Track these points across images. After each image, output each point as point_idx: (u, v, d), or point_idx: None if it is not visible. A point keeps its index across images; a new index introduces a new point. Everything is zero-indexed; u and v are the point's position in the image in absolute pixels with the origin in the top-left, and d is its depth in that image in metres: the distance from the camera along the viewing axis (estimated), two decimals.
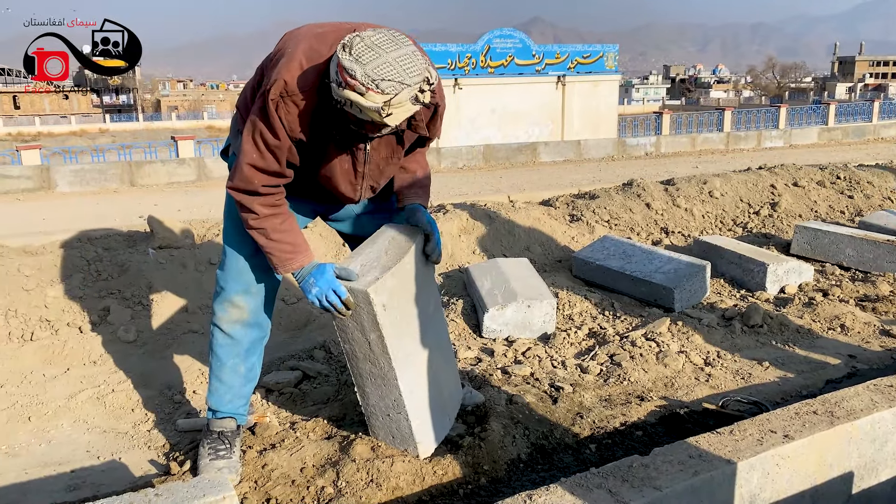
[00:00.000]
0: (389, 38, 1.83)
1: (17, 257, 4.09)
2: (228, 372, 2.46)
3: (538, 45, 28.93)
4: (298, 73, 1.95)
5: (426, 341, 2.49)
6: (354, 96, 1.80)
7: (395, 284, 2.26)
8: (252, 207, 2.15)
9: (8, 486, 2.45)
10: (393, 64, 1.79)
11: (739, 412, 2.85)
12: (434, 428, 2.52)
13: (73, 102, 68.47)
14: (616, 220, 5.70)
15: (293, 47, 2.02)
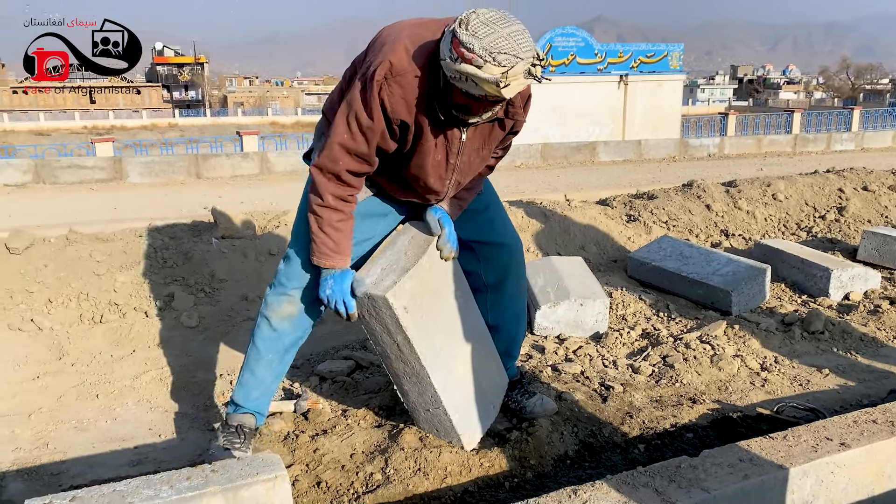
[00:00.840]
0: (501, 16, 1.88)
1: (89, 244, 4.29)
2: (264, 366, 2.46)
3: (601, 44, 28.57)
4: (404, 55, 2.00)
5: (457, 335, 2.51)
6: (472, 69, 1.84)
7: (414, 285, 2.28)
8: (323, 192, 2.18)
9: (76, 458, 2.58)
10: (507, 38, 1.84)
11: (795, 418, 2.79)
12: (478, 419, 2.54)
13: (144, 97, 70.87)
14: (674, 221, 5.61)
15: (396, 35, 2.06)
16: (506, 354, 2.77)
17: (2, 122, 59.59)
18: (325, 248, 2.23)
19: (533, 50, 1.89)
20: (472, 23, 1.84)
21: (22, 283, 3.82)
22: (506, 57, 1.83)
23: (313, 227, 2.23)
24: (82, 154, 15.00)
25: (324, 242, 2.23)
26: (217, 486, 1.79)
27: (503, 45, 1.83)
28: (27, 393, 3.02)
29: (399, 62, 1.99)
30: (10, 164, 11.21)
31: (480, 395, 2.58)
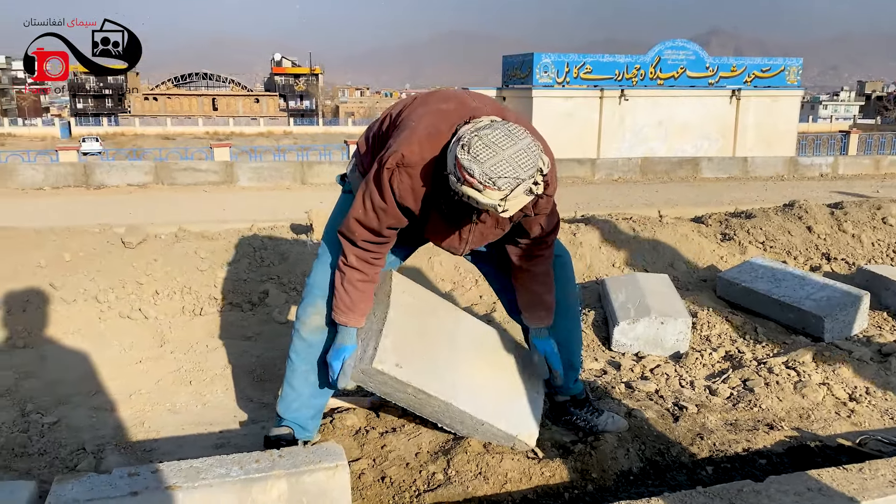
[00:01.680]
0: (505, 134, 1.92)
1: (195, 241, 4.61)
2: (299, 378, 2.50)
3: (713, 58, 27.73)
4: (416, 147, 2.07)
5: (460, 349, 2.57)
6: (472, 192, 1.90)
7: (395, 339, 2.36)
8: (348, 254, 2.31)
9: (167, 437, 2.80)
10: (509, 161, 1.88)
11: (880, 452, 2.66)
12: (527, 412, 2.57)
13: (262, 106, 74.37)
14: (772, 242, 5.40)
15: (416, 121, 2.14)
16: (567, 366, 2.76)
17: (134, 126, 64.12)
18: (342, 304, 2.35)
19: (535, 166, 1.92)
20: (473, 146, 1.89)
21: (133, 275, 4.16)
22: (506, 181, 1.88)
23: (336, 282, 2.35)
24: (201, 158, 16.00)
25: (341, 299, 2.35)
26: (282, 469, 1.92)
27: (504, 169, 1.87)
28: (130, 375, 3.29)
29: (411, 155, 2.07)
30: (133, 165, 12.15)
31: (515, 388, 2.62)
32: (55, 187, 11.46)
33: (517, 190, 1.89)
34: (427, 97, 2.33)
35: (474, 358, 2.58)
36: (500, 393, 2.55)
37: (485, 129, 1.93)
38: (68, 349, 3.56)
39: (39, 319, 3.78)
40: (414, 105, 2.30)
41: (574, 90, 25.83)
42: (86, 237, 4.47)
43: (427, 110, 2.19)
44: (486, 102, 2.24)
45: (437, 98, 2.29)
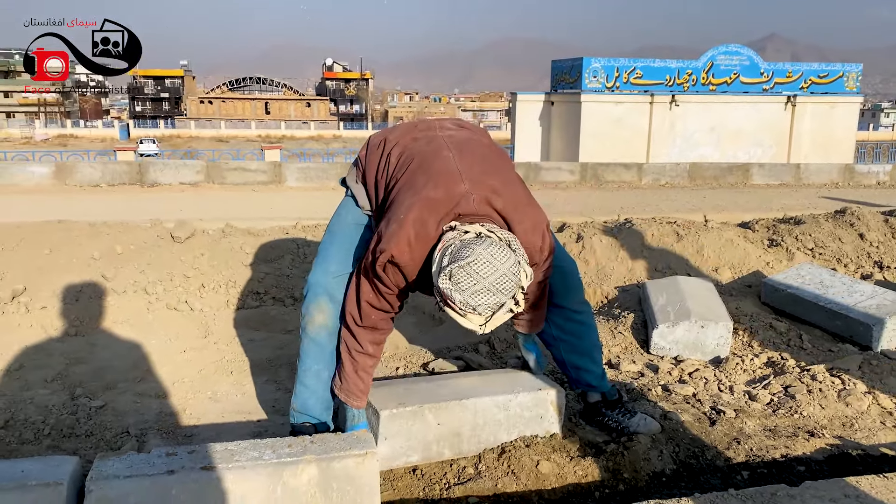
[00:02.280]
0: (488, 262, 1.94)
1: (241, 237, 4.73)
2: (312, 377, 2.54)
3: (767, 63, 27.12)
4: (406, 248, 2.12)
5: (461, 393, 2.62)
6: (455, 315, 2.00)
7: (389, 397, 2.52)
8: (360, 340, 2.38)
9: (208, 424, 2.88)
10: (490, 289, 1.93)
11: None
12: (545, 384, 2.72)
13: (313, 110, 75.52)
14: (821, 249, 5.27)
15: (405, 212, 2.15)
16: (578, 367, 2.79)
17: (189, 128, 65.82)
18: (357, 390, 2.42)
19: (517, 287, 1.98)
20: (455, 276, 1.94)
21: (181, 269, 4.28)
22: (487, 308, 1.95)
23: (347, 367, 2.42)
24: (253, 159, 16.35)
25: (356, 385, 2.41)
26: (313, 455, 1.97)
27: (484, 299, 1.94)
28: (174, 364, 3.39)
29: (400, 255, 2.13)
30: (185, 164, 12.50)
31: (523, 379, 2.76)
32: (111, 185, 11.86)
33: (498, 313, 1.98)
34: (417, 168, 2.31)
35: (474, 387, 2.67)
36: (507, 383, 2.69)
37: (468, 258, 1.94)
38: (117, 338, 3.69)
39: (91, 309, 3.92)
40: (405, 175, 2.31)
41: (624, 95, 25.55)
42: (137, 231, 4.63)
43: (416, 200, 2.17)
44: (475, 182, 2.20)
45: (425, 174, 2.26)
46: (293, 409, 2.60)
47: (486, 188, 2.19)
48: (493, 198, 2.18)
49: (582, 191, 12.99)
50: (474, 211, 2.14)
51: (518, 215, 2.19)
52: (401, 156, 2.38)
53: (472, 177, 2.21)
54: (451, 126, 2.56)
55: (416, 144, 2.40)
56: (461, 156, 2.30)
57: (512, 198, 2.23)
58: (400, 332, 3.97)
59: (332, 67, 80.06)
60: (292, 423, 2.59)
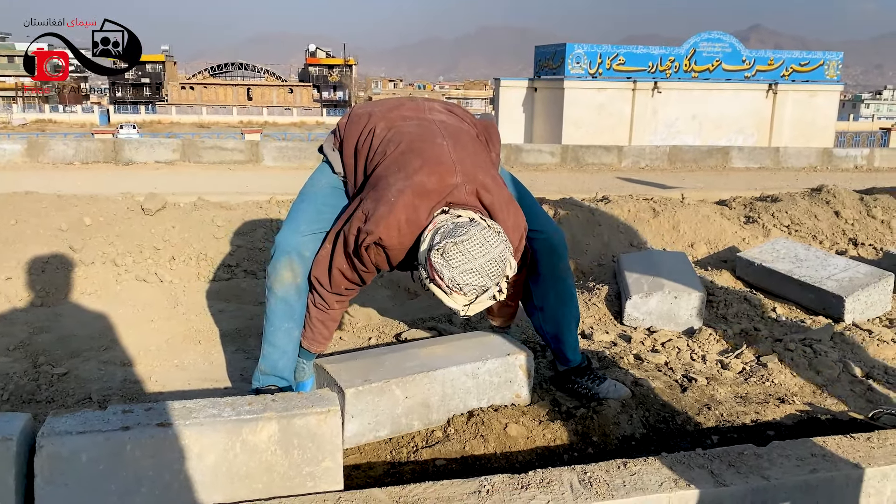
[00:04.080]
0: (481, 243, 1.97)
1: (213, 210, 4.65)
2: (282, 335, 2.48)
3: (749, 50, 27.22)
4: (395, 232, 2.12)
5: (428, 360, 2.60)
6: (439, 293, 2.02)
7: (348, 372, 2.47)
8: (327, 300, 2.42)
9: (173, 391, 2.83)
10: (479, 270, 1.97)
11: (894, 427, 2.58)
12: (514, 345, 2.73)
13: (296, 96, 74.93)
14: (797, 226, 5.29)
15: (396, 196, 2.12)
16: (557, 340, 2.77)
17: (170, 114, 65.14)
18: (322, 337, 2.51)
19: (503, 274, 2.02)
20: (448, 252, 1.96)
21: (151, 241, 4.21)
22: (473, 289, 1.98)
23: (314, 317, 2.46)
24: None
25: (321, 333, 2.50)
26: (273, 412, 1.92)
27: (473, 279, 1.97)
28: (141, 334, 3.33)
29: (389, 239, 2.13)
30: (161, 142, 12.36)
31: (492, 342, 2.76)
32: (84, 163, 11.68)
33: (482, 297, 2.01)
34: (408, 150, 2.26)
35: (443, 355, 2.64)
36: (476, 349, 2.67)
37: (462, 236, 1.97)
38: (84, 308, 3.62)
39: (57, 280, 3.84)
40: (394, 154, 2.26)
41: (606, 82, 25.58)
42: (107, 203, 4.54)
43: (408, 185, 2.14)
44: (467, 174, 2.19)
45: (419, 159, 2.22)
46: (259, 370, 2.54)
47: (477, 182, 2.20)
48: (482, 193, 2.20)
49: (562, 173, 12.99)
50: (464, 202, 2.16)
51: (503, 214, 2.21)
52: (387, 132, 2.34)
53: (464, 170, 2.21)
54: (441, 110, 2.52)
55: (405, 124, 2.36)
56: (455, 146, 2.28)
57: (499, 196, 2.25)
58: (374, 304, 3.93)
59: (315, 53, 79.36)
60: (256, 386, 2.53)
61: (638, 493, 1.89)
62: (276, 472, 1.91)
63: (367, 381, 2.36)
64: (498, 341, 2.75)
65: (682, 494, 1.90)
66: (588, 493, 1.88)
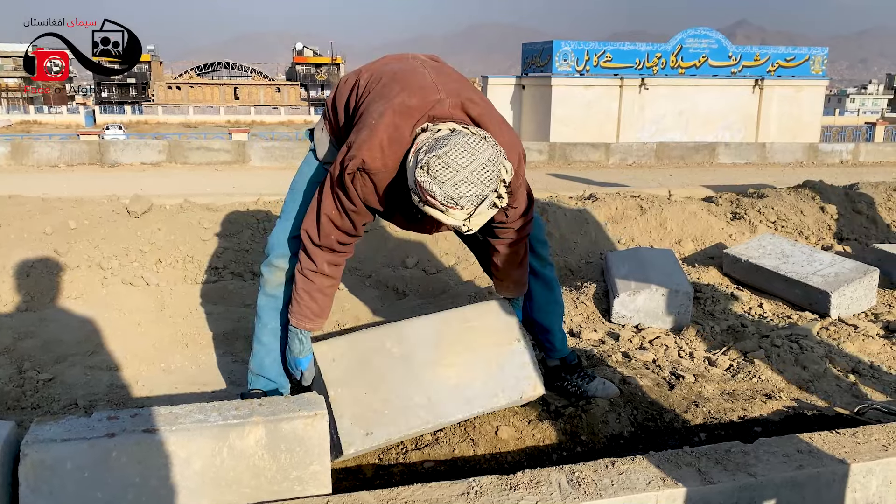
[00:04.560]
0: (465, 150, 1.84)
1: (199, 212, 4.62)
2: (269, 334, 2.47)
3: (735, 46, 27.35)
4: (378, 153, 2.01)
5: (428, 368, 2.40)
6: (435, 213, 1.87)
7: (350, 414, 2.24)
8: (316, 259, 2.23)
9: (160, 396, 2.81)
10: (470, 179, 1.83)
11: (878, 421, 2.61)
12: (523, 365, 2.50)
13: (283, 95, 74.59)
14: (783, 222, 5.31)
15: (377, 118, 2.04)
16: (546, 330, 2.75)
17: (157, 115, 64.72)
18: (309, 311, 2.28)
19: (498, 179, 1.88)
20: (433, 167, 1.83)
21: (137, 244, 4.18)
22: (469, 200, 1.84)
23: (300, 288, 2.27)
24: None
25: (308, 307, 2.28)
26: (260, 416, 1.92)
27: (465, 189, 1.83)
28: (128, 338, 3.30)
29: (372, 161, 2.02)
30: (147, 144, 12.27)
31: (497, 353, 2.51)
32: (70, 164, 11.58)
33: (481, 206, 1.86)
34: (391, 77, 2.19)
35: (440, 360, 2.40)
36: (484, 370, 2.44)
37: (444, 147, 1.84)
38: (69, 312, 3.59)
39: (42, 284, 3.81)
40: (379, 84, 2.19)
41: (594, 79, 25.59)
42: (92, 206, 4.51)
43: (389, 106, 2.06)
44: (450, 90, 2.11)
45: (399, 83, 2.14)
46: (250, 371, 2.56)
47: (462, 96, 2.10)
48: (469, 105, 2.08)
49: (550, 170, 13.00)
50: (449, 115, 2.04)
51: (495, 128, 2.07)
52: (371, 77, 2.27)
53: (447, 88, 2.11)
54: (426, 57, 2.45)
55: (387, 66, 2.30)
56: (437, 74, 2.20)
57: (489, 111, 2.13)
58: (363, 305, 3.93)
59: (302, 52, 79.04)
60: (248, 388, 2.54)
61: (626, 492, 1.90)
62: (264, 477, 1.90)
63: (369, 435, 2.21)
64: (512, 359, 2.50)
65: (670, 493, 1.91)
66: (576, 493, 1.89)
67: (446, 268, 4.52)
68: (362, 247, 4.56)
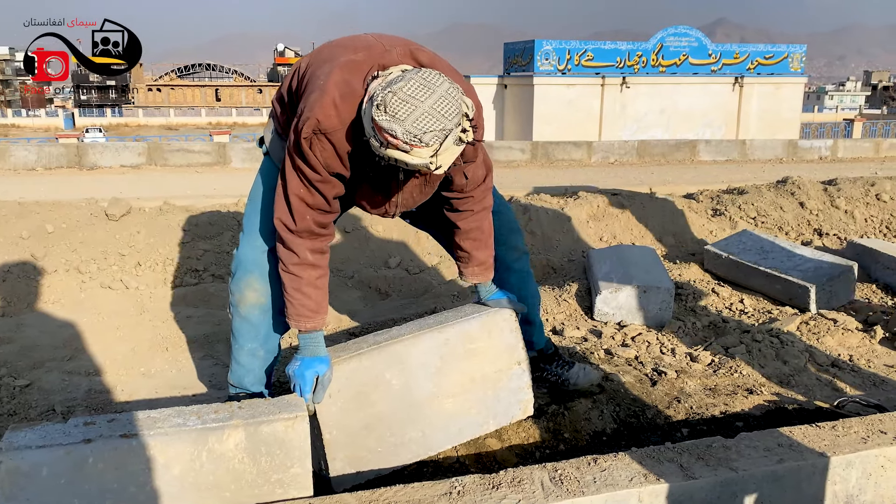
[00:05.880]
0: (421, 85, 1.75)
1: (179, 214, 4.58)
2: (246, 356, 2.39)
3: (715, 44, 27.58)
4: (332, 110, 1.90)
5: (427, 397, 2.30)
6: (400, 154, 1.76)
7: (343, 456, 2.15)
8: (297, 250, 2.08)
9: (140, 400, 2.79)
10: (431, 113, 1.73)
11: (858, 413, 2.63)
12: (517, 389, 2.43)
13: (265, 96, 74.22)
14: (763, 218, 5.35)
15: (325, 78, 1.95)
16: (524, 321, 2.61)
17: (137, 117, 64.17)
18: (305, 309, 2.11)
19: (460, 112, 1.78)
20: (389, 105, 1.72)
21: (116, 247, 4.13)
22: (433, 135, 1.73)
23: (289, 288, 2.12)
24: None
25: (303, 304, 2.11)
26: (240, 419, 1.90)
27: (428, 123, 1.72)
28: (106, 342, 3.27)
29: (327, 119, 1.90)
30: (127, 146, 12.17)
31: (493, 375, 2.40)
32: (48, 168, 11.46)
33: (446, 142, 1.75)
34: (333, 48, 2.12)
35: (439, 391, 2.30)
36: (481, 400, 2.37)
37: (398, 84, 1.75)
38: (47, 317, 3.55)
39: (19, 289, 3.76)
40: (321, 57, 2.10)
41: (575, 78, 25.70)
42: (69, 210, 4.45)
43: (335, 65, 1.97)
44: (396, 43, 2.04)
45: (343, 48, 2.07)
46: (229, 383, 2.49)
47: (410, 46, 2.02)
48: (417, 52, 2.00)
49: (532, 169, 13.04)
50: (398, 62, 1.95)
51: (448, 72, 1.95)
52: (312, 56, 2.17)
53: (392, 41, 2.05)
54: None
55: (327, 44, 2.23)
56: (380, 35, 2.12)
57: (440, 61, 2.04)
58: (345, 306, 3.91)
59: (283, 53, 78.67)
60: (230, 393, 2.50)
61: (608, 489, 1.89)
62: (245, 480, 1.88)
63: (359, 473, 2.15)
64: (509, 384, 2.42)
65: (652, 489, 1.91)
66: (559, 491, 1.88)
67: (429, 267, 4.51)
68: (344, 247, 4.54)
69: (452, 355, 2.32)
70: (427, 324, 2.37)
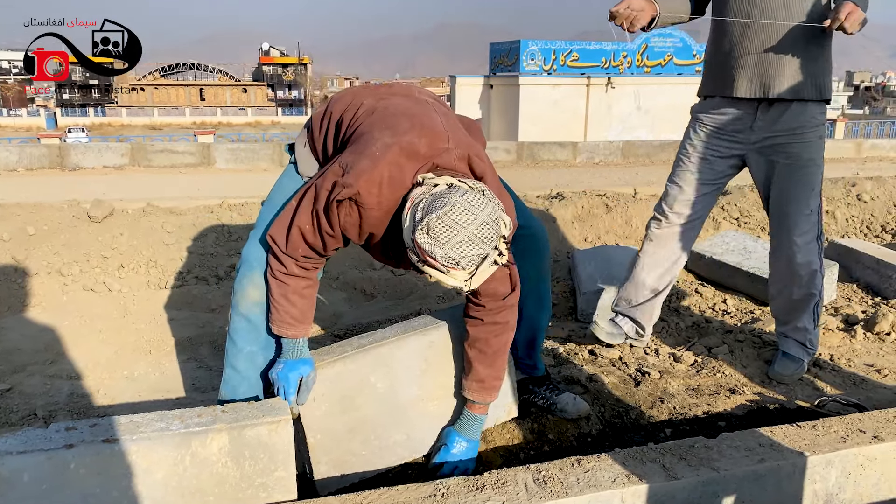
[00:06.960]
0: (465, 209, 1.77)
1: (162, 216, 4.56)
2: (244, 360, 2.25)
3: (700, 45, 27.72)
4: (375, 189, 1.90)
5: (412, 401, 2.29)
6: (437, 274, 1.81)
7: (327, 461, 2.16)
8: (287, 264, 2.07)
9: (123, 404, 2.77)
10: (472, 239, 1.76)
11: (838, 413, 2.66)
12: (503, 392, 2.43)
13: (250, 96, 73.89)
14: (746, 218, 5.40)
15: (382, 150, 1.93)
16: (530, 346, 2.62)
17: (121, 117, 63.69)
18: (289, 317, 2.11)
19: (498, 235, 1.81)
20: (433, 228, 1.75)
21: (98, 249, 4.11)
22: (470, 260, 1.77)
23: (275, 293, 2.10)
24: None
25: (287, 311, 2.10)
26: (224, 423, 1.89)
27: (467, 250, 1.76)
28: (89, 345, 3.25)
29: (368, 196, 1.90)
30: (110, 147, 12.06)
31: None
32: (29, 169, 11.35)
33: (482, 265, 1.80)
34: (400, 113, 2.08)
35: (424, 394, 2.29)
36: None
37: (444, 207, 1.76)
38: (28, 320, 3.52)
39: (0, 293, 3.73)
40: (388, 111, 2.08)
41: (561, 78, 25.78)
42: (51, 212, 4.42)
43: (396, 140, 1.94)
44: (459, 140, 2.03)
45: (410, 118, 2.04)
46: (221, 398, 2.29)
47: (472, 150, 2.02)
48: (475, 160, 2.00)
49: (517, 169, 13.08)
50: (453, 166, 1.96)
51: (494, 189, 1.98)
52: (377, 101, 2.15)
53: (457, 139, 2.03)
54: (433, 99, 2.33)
55: (395, 97, 2.19)
56: (447, 120, 2.11)
57: (490, 171, 2.05)
58: (330, 307, 3.91)
59: (268, 52, 78.29)
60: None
61: (591, 489, 1.90)
62: (228, 485, 1.88)
63: (344, 477, 2.15)
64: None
65: (635, 489, 1.92)
66: (543, 492, 1.89)
67: None
68: None
69: (438, 357, 2.31)
70: (412, 326, 2.37)
